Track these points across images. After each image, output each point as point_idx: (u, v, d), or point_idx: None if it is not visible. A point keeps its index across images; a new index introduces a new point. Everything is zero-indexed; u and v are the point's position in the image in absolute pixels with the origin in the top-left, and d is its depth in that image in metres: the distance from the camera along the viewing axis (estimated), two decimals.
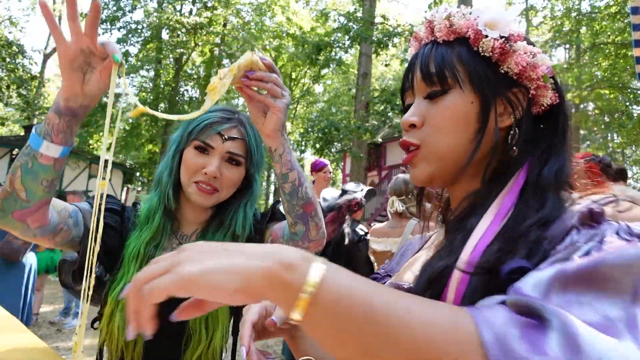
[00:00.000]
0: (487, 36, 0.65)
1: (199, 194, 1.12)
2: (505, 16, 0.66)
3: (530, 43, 0.68)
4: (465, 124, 0.65)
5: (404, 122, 0.69)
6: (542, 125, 0.68)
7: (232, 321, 1.19)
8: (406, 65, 0.75)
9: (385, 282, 0.75)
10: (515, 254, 0.51)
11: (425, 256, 0.73)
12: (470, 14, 0.67)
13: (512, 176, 0.63)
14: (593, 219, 0.50)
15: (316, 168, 4.07)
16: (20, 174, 0.89)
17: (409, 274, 0.70)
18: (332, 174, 4.17)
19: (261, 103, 0.94)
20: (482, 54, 0.66)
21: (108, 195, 1.23)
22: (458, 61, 0.66)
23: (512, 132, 0.66)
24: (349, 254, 3.21)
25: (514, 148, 0.65)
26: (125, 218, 1.20)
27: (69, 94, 0.88)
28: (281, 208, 1.26)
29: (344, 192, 3.37)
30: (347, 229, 3.20)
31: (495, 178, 0.64)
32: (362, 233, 3.32)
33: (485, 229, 0.58)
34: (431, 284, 0.58)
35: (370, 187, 3.56)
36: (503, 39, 0.65)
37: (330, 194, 3.50)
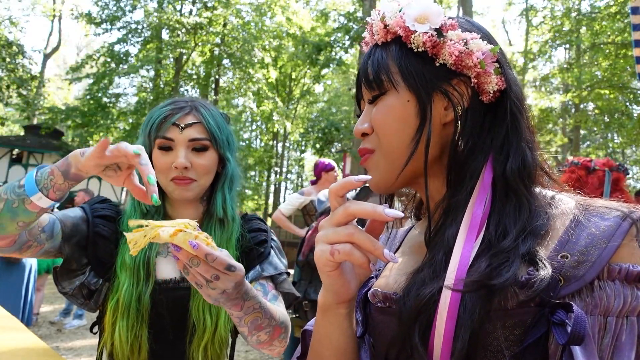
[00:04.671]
0: (415, 31, 0.63)
1: (178, 188, 1.11)
2: (433, 7, 0.64)
3: (467, 30, 0.65)
4: (405, 124, 0.63)
5: (355, 132, 0.70)
6: (496, 114, 0.64)
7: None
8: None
9: (371, 287, 0.73)
10: (509, 266, 0.51)
11: (406, 261, 0.71)
12: (399, 11, 0.65)
13: (475, 175, 0.61)
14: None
15: (326, 169, 4.17)
16: (1, 207, 0.88)
17: (392, 280, 0.69)
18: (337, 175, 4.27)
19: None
20: (416, 50, 0.64)
21: (104, 200, 1.22)
22: (392, 62, 0.65)
23: (456, 125, 0.63)
24: None
25: (460, 143, 0.63)
26: (119, 224, 1.18)
27: (85, 170, 0.87)
28: (272, 257, 1.23)
29: None
30: None
31: (458, 178, 0.63)
32: None
33: (463, 243, 0.56)
34: (420, 314, 0.55)
35: (365, 186, 3.58)
36: (433, 31, 0.63)
37: (326, 195, 3.52)
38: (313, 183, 4.32)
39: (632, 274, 0.50)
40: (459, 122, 0.63)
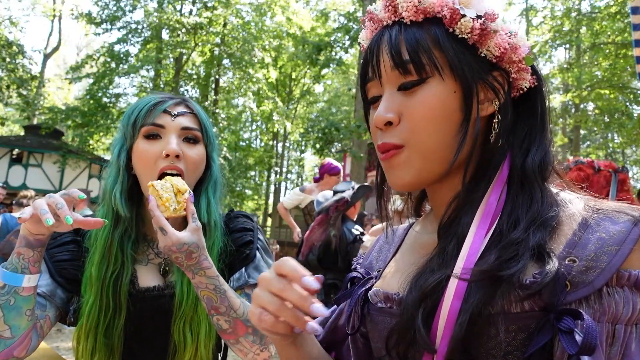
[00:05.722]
0: (464, 16, 0.58)
1: None
2: None
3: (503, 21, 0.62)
4: (448, 117, 0.59)
5: (378, 120, 0.61)
6: (519, 110, 0.63)
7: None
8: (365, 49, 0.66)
9: (371, 287, 0.72)
10: (518, 260, 0.50)
11: (408, 260, 0.70)
12: None
13: (496, 169, 0.59)
14: None
15: (331, 172, 4.12)
16: (1, 314, 0.88)
17: (394, 281, 0.67)
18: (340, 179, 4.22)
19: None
20: (459, 36, 0.59)
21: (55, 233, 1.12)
22: (434, 45, 0.59)
23: (495, 119, 0.60)
24: (347, 255, 3.22)
25: (498, 137, 0.60)
26: (82, 241, 1.10)
27: (36, 232, 0.88)
28: (258, 260, 1.16)
29: (335, 193, 3.42)
30: (333, 232, 3.22)
31: (480, 172, 0.61)
32: (357, 233, 3.32)
33: (476, 229, 0.55)
34: (425, 298, 0.54)
35: (364, 184, 3.57)
36: (481, 18, 0.59)
37: (325, 196, 3.53)
38: (316, 180, 4.31)
39: None
40: (499, 116, 0.60)
